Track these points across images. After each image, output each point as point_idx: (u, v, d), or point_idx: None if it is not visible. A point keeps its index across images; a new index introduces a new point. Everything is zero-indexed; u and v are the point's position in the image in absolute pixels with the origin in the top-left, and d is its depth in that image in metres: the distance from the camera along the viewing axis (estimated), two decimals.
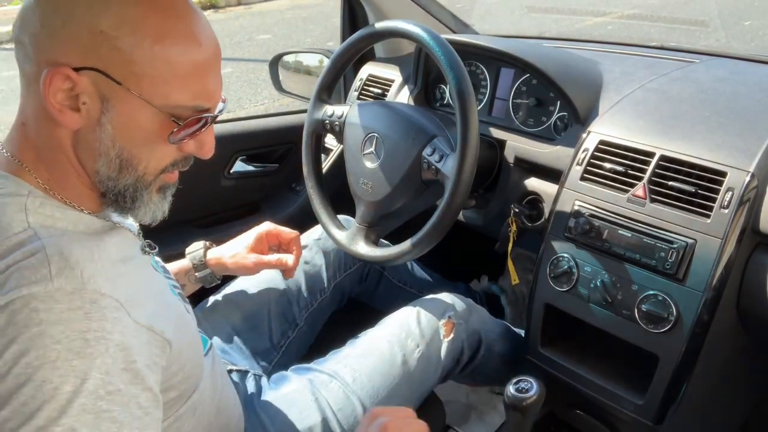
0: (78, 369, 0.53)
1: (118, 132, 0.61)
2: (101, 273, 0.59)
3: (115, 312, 0.58)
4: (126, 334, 0.58)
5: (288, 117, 1.62)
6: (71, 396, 0.52)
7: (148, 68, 0.59)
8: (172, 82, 0.61)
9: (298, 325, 1.16)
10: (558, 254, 1.03)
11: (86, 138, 0.61)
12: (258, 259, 1.08)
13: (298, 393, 0.95)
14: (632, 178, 0.97)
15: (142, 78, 0.59)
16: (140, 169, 0.64)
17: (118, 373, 0.56)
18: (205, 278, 1.07)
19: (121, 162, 0.63)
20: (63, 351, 0.53)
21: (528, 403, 0.79)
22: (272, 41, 5.87)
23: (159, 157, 0.65)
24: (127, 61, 0.58)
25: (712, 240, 0.88)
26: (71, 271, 0.56)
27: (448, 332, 1.06)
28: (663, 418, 0.95)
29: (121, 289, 0.60)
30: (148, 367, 0.60)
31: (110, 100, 0.59)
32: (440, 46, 0.99)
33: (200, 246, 1.09)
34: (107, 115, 0.60)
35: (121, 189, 0.65)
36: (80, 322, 0.55)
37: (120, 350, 0.56)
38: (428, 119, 1.11)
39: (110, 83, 0.59)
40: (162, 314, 0.66)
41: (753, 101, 1.04)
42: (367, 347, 1.03)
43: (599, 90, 1.15)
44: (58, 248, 0.57)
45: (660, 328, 0.91)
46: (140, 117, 0.61)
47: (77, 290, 0.56)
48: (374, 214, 1.13)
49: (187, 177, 1.53)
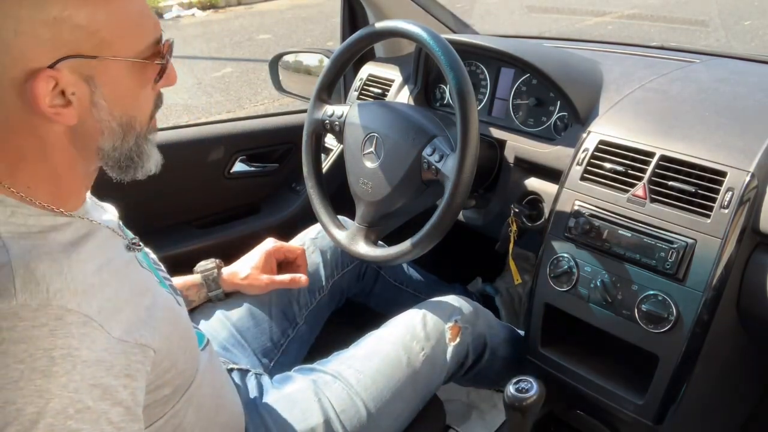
0: (43, 389, 0.52)
1: (112, 103, 0.62)
2: (69, 287, 0.58)
3: (83, 328, 0.56)
4: (95, 350, 0.56)
5: (288, 117, 1.62)
6: (35, 417, 0.51)
7: (111, 28, 0.59)
8: (133, 28, 0.62)
9: (298, 323, 1.16)
10: (558, 254, 1.03)
11: (85, 126, 0.61)
12: (270, 279, 1.10)
13: (301, 393, 0.95)
14: (632, 178, 0.97)
15: (111, 41, 0.59)
16: (137, 126, 0.66)
17: (86, 390, 0.54)
18: (217, 296, 1.10)
19: (122, 128, 0.64)
20: (26, 371, 0.52)
21: (528, 403, 0.79)
22: (272, 41, 5.87)
23: (146, 106, 0.67)
24: (92, 33, 0.58)
25: (712, 240, 0.88)
26: (36, 286, 0.55)
27: (454, 336, 1.05)
28: (663, 418, 0.95)
29: (92, 302, 0.59)
30: (126, 377, 0.59)
31: (93, 77, 0.60)
32: (440, 46, 0.99)
33: (212, 264, 1.10)
34: (97, 93, 0.60)
35: (126, 153, 0.66)
36: (45, 340, 0.53)
37: (87, 367, 0.55)
38: (428, 119, 1.11)
39: (87, 62, 0.58)
40: (145, 317, 0.65)
41: (753, 101, 1.04)
42: (371, 349, 1.03)
43: (599, 90, 1.15)
44: (24, 262, 0.56)
45: (660, 328, 0.91)
46: (125, 77, 0.62)
47: (42, 306, 0.55)
48: (374, 214, 1.13)
49: (187, 177, 1.53)
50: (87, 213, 0.69)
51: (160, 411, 0.71)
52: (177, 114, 4.12)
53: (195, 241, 1.42)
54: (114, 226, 0.73)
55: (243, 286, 1.10)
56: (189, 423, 0.76)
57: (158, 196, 1.41)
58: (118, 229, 0.74)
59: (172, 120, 3.99)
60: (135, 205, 1.35)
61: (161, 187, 1.41)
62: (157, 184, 1.39)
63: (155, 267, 0.81)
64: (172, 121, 3.95)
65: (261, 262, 1.11)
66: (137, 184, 1.39)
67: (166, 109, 4.17)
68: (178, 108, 4.22)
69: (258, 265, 1.11)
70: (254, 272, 1.10)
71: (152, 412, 0.70)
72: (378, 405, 0.96)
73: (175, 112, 4.14)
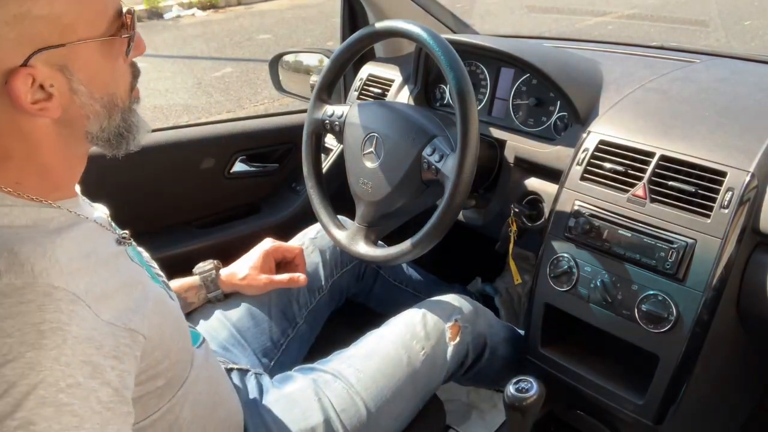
0: (33, 361, 0.52)
1: (90, 86, 0.62)
2: (55, 267, 0.58)
3: (71, 305, 0.57)
4: (84, 327, 0.57)
5: (288, 117, 1.62)
6: (27, 389, 0.51)
7: (71, 12, 0.59)
8: (92, 7, 0.61)
9: (297, 323, 1.16)
10: (558, 254, 1.03)
11: (70, 114, 0.62)
12: (269, 279, 1.11)
13: (301, 392, 0.95)
14: (632, 178, 0.97)
15: (75, 25, 0.59)
16: (119, 102, 0.66)
17: (78, 365, 0.54)
18: (216, 297, 1.11)
19: (106, 108, 0.65)
20: (15, 344, 0.52)
21: (528, 403, 0.79)
22: (272, 41, 5.87)
23: (123, 80, 0.67)
24: (54, 21, 0.58)
25: (712, 240, 0.88)
26: (21, 266, 0.56)
27: (454, 335, 1.05)
28: (663, 418, 0.95)
29: (79, 283, 0.59)
30: (113, 359, 0.59)
31: (67, 65, 0.59)
32: (440, 46, 0.99)
33: (210, 266, 1.10)
34: (74, 79, 0.60)
35: (115, 130, 0.67)
36: (33, 314, 0.54)
37: (78, 343, 0.55)
38: (428, 119, 1.11)
39: (57, 51, 0.58)
40: (134, 306, 0.65)
41: (753, 101, 1.04)
42: (371, 348, 1.03)
43: (599, 90, 1.15)
44: (7, 246, 0.57)
45: (660, 328, 0.91)
46: (96, 58, 0.62)
47: (28, 284, 0.55)
48: (374, 214, 1.13)
49: (187, 177, 1.53)
50: (77, 207, 0.69)
51: (155, 404, 0.71)
52: (177, 114, 4.12)
53: (195, 241, 1.42)
54: (103, 222, 0.73)
55: (242, 286, 1.10)
56: (185, 419, 0.76)
57: (158, 196, 1.42)
58: (108, 225, 0.74)
59: (172, 120, 3.99)
60: (135, 205, 1.35)
61: (161, 187, 1.41)
62: (157, 184, 1.40)
63: (147, 264, 0.81)
64: (172, 121, 3.95)
65: (259, 262, 1.11)
66: (137, 185, 1.40)
67: (167, 109, 4.18)
68: (178, 108, 4.22)
69: (256, 266, 1.11)
70: (253, 272, 1.10)
71: (147, 404, 0.70)
72: (378, 404, 0.96)
73: (175, 112, 4.14)
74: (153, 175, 1.37)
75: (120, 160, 0.71)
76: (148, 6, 7.04)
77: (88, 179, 0.73)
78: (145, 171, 1.35)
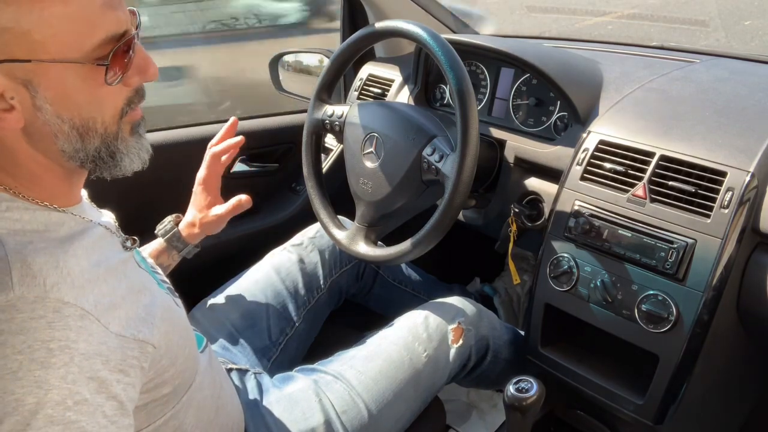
0: (41, 379, 0.52)
1: (57, 106, 0.59)
2: (66, 280, 0.58)
3: (80, 321, 0.57)
4: (92, 342, 0.57)
5: (288, 117, 1.62)
6: (35, 408, 0.51)
7: (45, 30, 0.55)
8: (75, 29, 0.56)
9: (296, 323, 1.16)
10: (558, 254, 1.03)
11: (35, 127, 0.59)
12: (216, 216, 1.09)
13: (302, 393, 0.95)
14: (632, 178, 0.97)
15: (46, 42, 0.55)
16: (99, 127, 0.62)
17: (84, 382, 0.55)
18: (189, 252, 1.09)
19: (78, 131, 0.61)
20: (25, 362, 0.52)
21: (528, 403, 0.79)
22: None
23: (110, 105, 0.62)
24: (21, 36, 0.54)
25: (712, 240, 0.88)
26: (33, 279, 0.56)
27: (457, 338, 1.05)
28: (663, 418, 0.95)
29: (89, 296, 0.59)
30: (119, 372, 0.59)
31: (32, 81, 0.56)
32: (440, 46, 0.99)
33: (170, 225, 1.09)
34: (38, 96, 0.57)
35: (94, 154, 0.63)
36: (43, 332, 0.54)
37: (85, 359, 0.55)
38: (428, 119, 1.11)
39: (21, 66, 0.55)
40: (142, 314, 0.65)
41: (753, 101, 1.04)
42: (373, 349, 1.02)
43: (599, 90, 1.15)
44: (21, 256, 0.56)
45: (660, 328, 0.91)
46: (67, 80, 0.58)
47: (39, 299, 0.55)
48: (374, 214, 1.13)
49: (187, 177, 1.52)
50: (83, 212, 0.68)
51: (160, 411, 0.71)
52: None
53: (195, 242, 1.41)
54: (110, 227, 0.73)
55: (200, 234, 1.09)
56: (189, 424, 0.76)
57: (158, 197, 1.41)
58: (115, 230, 0.74)
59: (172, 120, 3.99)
60: (135, 206, 1.35)
61: (161, 187, 1.41)
62: (157, 184, 1.39)
63: (153, 270, 0.81)
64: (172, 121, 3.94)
65: (201, 198, 1.10)
66: (137, 185, 1.39)
67: (167, 108, 4.18)
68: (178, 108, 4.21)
69: (200, 204, 1.10)
70: (202, 213, 1.09)
71: (152, 411, 0.70)
72: (379, 406, 0.96)
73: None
74: (153, 176, 1.37)
75: None
76: None
77: (88, 179, 0.73)
78: (145, 171, 1.34)
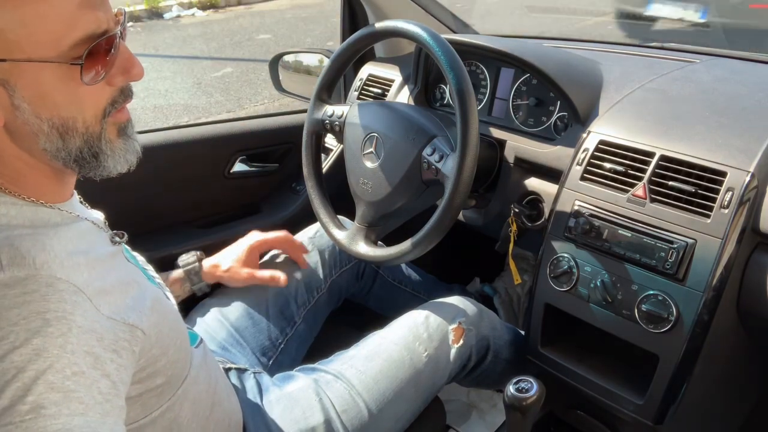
0: (40, 347, 0.52)
1: (35, 106, 0.58)
2: (55, 261, 0.58)
3: (74, 296, 0.57)
4: (87, 318, 0.57)
5: (288, 117, 1.62)
6: (35, 374, 0.51)
7: (19, 29, 0.55)
8: (51, 28, 0.56)
9: (296, 323, 1.16)
10: (558, 254, 1.03)
11: (15, 126, 0.60)
12: (250, 273, 1.11)
13: (302, 392, 0.95)
14: (632, 178, 0.97)
15: (21, 42, 0.55)
16: (80, 127, 0.61)
17: (82, 354, 0.55)
18: (200, 289, 1.11)
19: (58, 130, 0.60)
20: (21, 332, 0.52)
21: (528, 403, 0.79)
22: (272, 41, 5.87)
23: (91, 104, 0.62)
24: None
25: (712, 240, 0.88)
26: (23, 259, 0.56)
27: (458, 338, 1.05)
28: (663, 418, 0.95)
29: (79, 276, 0.59)
30: (113, 352, 0.59)
31: (8, 80, 0.56)
32: (440, 46, 0.99)
33: (193, 258, 1.11)
34: (15, 95, 0.57)
35: (76, 154, 0.63)
36: (37, 304, 0.54)
37: (82, 332, 0.56)
38: (428, 119, 1.11)
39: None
40: (132, 304, 0.66)
41: (753, 101, 1.04)
42: (373, 349, 1.02)
43: (599, 90, 1.15)
44: (8, 241, 0.57)
45: (660, 328, 0.91)
46: (45, 79, 0.57)
47: (31, 276, 0.56)
48: (374, 214, 1.13)
49: (187, 177, 1.52)
50: (72, 208, 0.69)
51: (155, 403, 0.71)
52: (177, 114, 4.12)
53: (195, 241, 1.41)
54: (99, 222, 0.73)
55: (224, 278, 1.11)
56: (185, 418, 0.77)
57: (158, 196, 1.41)
58: (103, 225, 0.74)
59: (172, 120, 3.99)
60: (135, 205, 1.35)
61: (161, 187, 1.41)
62: (157, 184, 1.40)
63: (143, 267, 0.81)
64: (172, 121, 3.95)
65: (244, 256, 1.12)
66: (137, 185, 1.39)
67: (167, 108, 4.18)
68: (178, 108, 4.22)
69: (240, 258, 1.12)
70: (236, 265, 1.11)
71: (147, 402, 0.70)
72: (380, 406, 0.96)
73: (175, 112, 4.14)
74: (153, 175, 1.37)
75: None
76: (148, 6, 7.04)
77: (88, 179, 0.73)
78: (145, 171, 1.34)
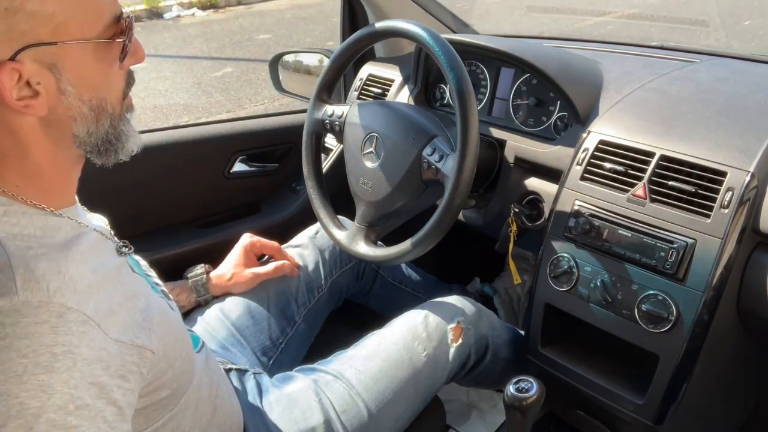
0: (45, 384, 0.52)
1: (80, 87, 0.61)
2: (68, 286, 0.58)
3: (82, 326, 0.57)
4: (93, 348, 0.57)
5: (288, 117, 1.62)
6: (38, 411, 0.51)
7: (65, 11, 0.58)
8: (88, 8, 0.60)
9: (296, 322, 1.16)
10: (558, 254, 1.03)
11: (56, 114, 0.61)
12: (253, 273, 1.13)
13: (301, 393, 0.95)
14: (632, 178, 0.97)
15: (68, 24, 0.58)
16: (109, 108, 0.65)
17: (85, 387, 0.55)
18: (206, 300, 1.12)
19: (94, 112, 0.63)
20: (29, 365, 0.52)
21: (528, 403, 0.79)
22: (272, 41, 5.87)
23: (116, 85, 0.66)
24: (47, 19, 0.57)
25: (712, 240, 0.88)
26: (37, 284, 0.56)
27: (456, 337, 1.05)
28: (663, 418, 0.95)
29: (89, 302, 0.60)
30: (119, 378, 0.60)
31: (56, 64, 0.59)
32: (440, 45, 0.99)
33: (201, 270, 1.12)
34: (63, 79, 0.59)
35: (103, 136, 0.66)
36: (47, 336, 0.54)
37: (87, 365, 0.56)
38: (428, 119, 1.11)
39: (47, 49, 0.57)
40: (139, 320, 0.66)
41: (753, 101, 1.04)
42: (373, 349, 1.02)
43: (599, 90, 1.15)
44: (23, 261, 0.57)
45: (660, 328, 0.91)
46: (89, 60, 0.61)
47: (43, 303, 0.56)
48: (374, 213, 1.13)
49: (187, 177, 1.52)
50: (77, 215, 0.69)
51: (158, 414, 0.71)
52: (177, 114, 4.12)
53: (195, 241, 1.42)
54: (104, 231, 0.73)
55: (230, 286, 1.12)
56: (187, 425, 0.77)
57: (158, 197, 1.41)
58: (108, 234, 0.74)
59: (172, 120, 3.99)
60: (135, 206, 1.36)
61: (161, 187, 1.41)
62: (156, 184, 1.40)
63: (146, 274, 0.81)
64: (172, 121, 3.95)
65: (241, 259, 1.14)
66: (137, 185, 1.39)
67: (167, 108, 4.18)
68: (178, 108, 4.22)
69: (239, 263, 1.13)
70: (237, 270, 1.13)
71: (151, 414, 0.70)
72: (379, 405, 0.96)
73: (175, 112, 4.14)
74: (153, 175, 1.37)
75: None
76: (148, 6, 7.04)
77: (89, 179, 0.73)
78: (145, 171, 1.35)
